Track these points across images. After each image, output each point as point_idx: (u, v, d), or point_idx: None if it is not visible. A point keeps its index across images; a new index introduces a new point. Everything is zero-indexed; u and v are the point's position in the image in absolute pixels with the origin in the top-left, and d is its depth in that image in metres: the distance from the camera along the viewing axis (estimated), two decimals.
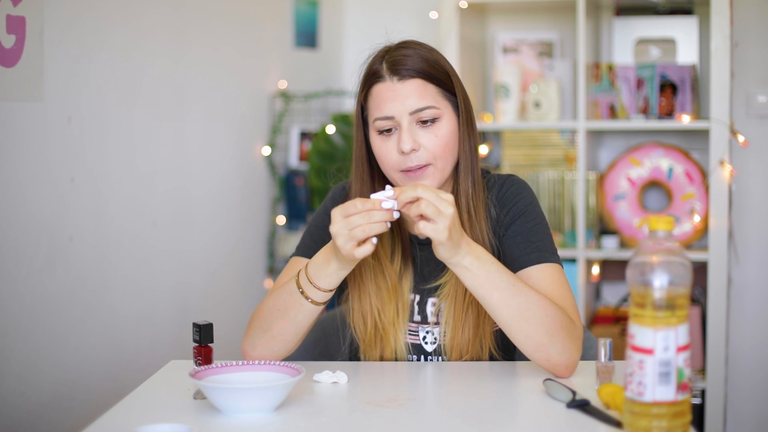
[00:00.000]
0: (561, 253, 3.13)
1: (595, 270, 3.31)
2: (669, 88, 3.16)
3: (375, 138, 1.78)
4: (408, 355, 1.86)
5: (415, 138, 1.74)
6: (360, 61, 1.82)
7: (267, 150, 3.40)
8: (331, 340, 2.02)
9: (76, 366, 2.38)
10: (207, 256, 3.05)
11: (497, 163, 3.43)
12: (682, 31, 3.30)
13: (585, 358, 1.86)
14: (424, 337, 1.85)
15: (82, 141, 2.41)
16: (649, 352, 1.29)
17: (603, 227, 3.30)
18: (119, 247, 2.57)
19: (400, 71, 1.74)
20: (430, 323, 1.85)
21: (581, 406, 1.50)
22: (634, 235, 3.23)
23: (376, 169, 1.84)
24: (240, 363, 1.61)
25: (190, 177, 2.94)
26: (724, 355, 3.04)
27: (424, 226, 1.58)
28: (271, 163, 3.43)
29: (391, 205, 1.60)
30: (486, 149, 3.36)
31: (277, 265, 3.45)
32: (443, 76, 1.78)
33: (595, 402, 1.52)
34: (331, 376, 1.70)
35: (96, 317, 2.47)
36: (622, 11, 3.38)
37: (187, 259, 2.93)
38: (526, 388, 1.66)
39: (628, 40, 3.34)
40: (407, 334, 1.86)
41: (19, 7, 2.13)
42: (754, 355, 3.30)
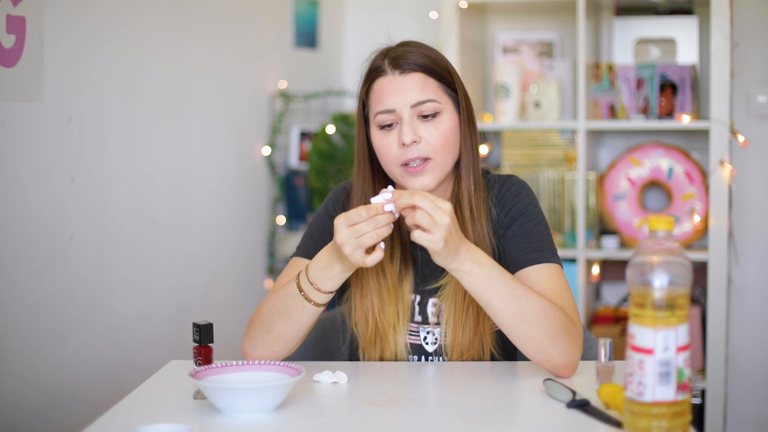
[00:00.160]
0: (561, 253, 3.13)
1: (595, 270, 3.31)
2: (669, 88, 3.16)
3: (376, 133, 1.78)
4: (408, 355, 1.86)
5: (416, 131, 1.74)
6: (360, 62, 1.83)
7: (267, 150, 3.40)
8: (331, 340, 2.02)
9: (76, 366, 2.38)
10: (207, 256, 3.05)
11: (497, 163, 3.43)
12: (682, 31, 3.30)
13: (585, 358, 1.86)
14: (425, 338, 1.85)
15: (82, 141, 2.41)
16: (649, 352, 1.29)
17: (603, 227, 3.30)
18: (119, 247, 2.57)
19: (401, 65, 1.76)
20: (431, 324, 1.85)
21: (581, 406, 1.50)
22: (634, 235, 3.23)
23: (378, 167, 1.84)
24: (240, 363, 1.61)
25: (190, 177, 2.94)
26: (724, 355, 3.04)
27: (418, 236, 1.57)
28: (271, 163, 3.43)
29: (392, 208, 1.60)
30: (486, 149, 3.36)
31: (277, 265, 3.45)
32: (444, 72, 1.79)
33: (595, 402, 1.52)
34: (331, 376, 1.70)
35: (96, 317, 2.47)
36: (622, 11, 3.38)
37: (187, 260, 2.93)
38: (526, 388, 1.66)
39: (628, 40, 3.34)
40: (408, 335, 1.86)
41: (19, 7, 2.13)
42: (754, 355, 3.30)
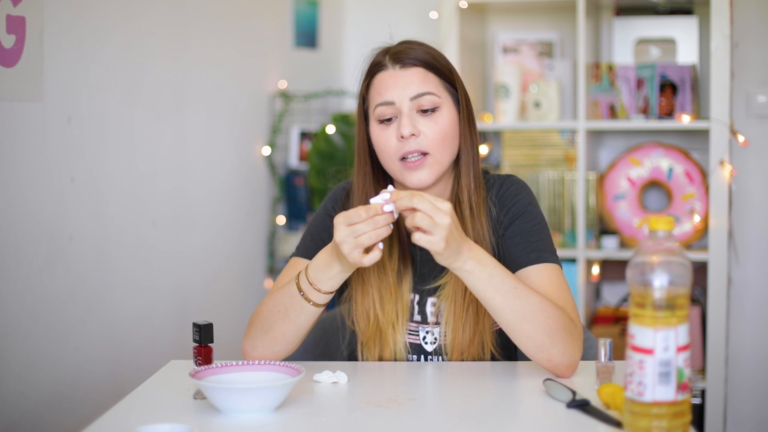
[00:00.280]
0: (561, 253, 3.15)
1: (595, 270, 3.31)
2: (669, 88, 3.16)
3: (375, 128, 1.79)
4: (408, 354, 1.86)
5: (415, 124, 1.76)
6: (360, 61, 1.84)
7: (267, 150, 3.40)
8: (331, 340, 2.02)
9: (76, 366, 2.38)
10: (207, 256, 3.05)
11: (497, 163, 3.43)
12: (682, 31, 3.30)
13: (585, 358, 1.86)
14: (424, 337, 1.85)
15: (82, 141, 2.41)
16: (649, 352, 1.29)
17: (603, 227, 3.30)
18: (119, 247, 2.57)
19: (402, 60, 1.79)
20: (430, 323, 1.85)
21: (581, 406, 1.50)
22: (634, 235, 3.23)
23: (378, 165, 1.84)
24: (240, 363, 1.61)
25: (190, 177, 2.94)
26: (724, 355, 3.04)
27: (419, 238, 1.57)
28: (271, 163, 3.43)
29: (391, 208, 1.60)
30: (486, 149, 3.36)
31: (277, 265, 3.45)
32: (445, 70, 1.81)
33: (595, 402, 1.52)
34: (331, 376, 1.70)
35: (96, 317, 2.47)
36: (622, 11, 3.38)
37: (187, 260, 2.93)
38: (526, 388, 1.66)
39: (628, 40, 3.34)
40: (407, 334, 1.86)
41: (19, 7, 2.13)
42: (754, 355, 3.30)
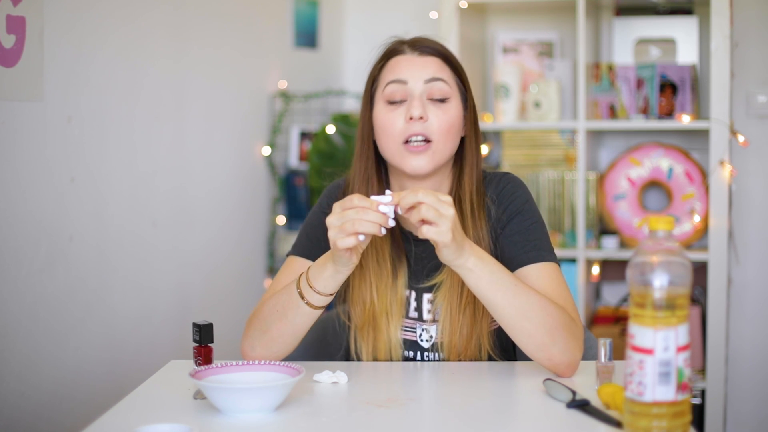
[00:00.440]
0: (561, 253, 3.15)
1: (595, 270, 3.31)
2: (669, 88, 3.16)
3: (381, 108, 1.80)
4: (404, 351, 1.86)
5: (425, 109, 1.77)
6: (360, 61, 1.84)
7: (267, 150, 3.40)
8: (331, 340, 2.02)
9: (76, 366, 2.38)
10: (207, 256, 3.05)
11: (497, 163, 3.43)
12: (682, 31, 3.30)
13: (585, 358, 1.86)
14: (421, 335, 1.85)
15: (82, 141, 2.41)
16: (649, 352, 1.29)
17: (603, 227, 3.30)
18: (119, 247, 2.57)
19: (420, 47, 1.82)
20: (427, 321, 1.85)
21: (581, 406, 1.50)
22: (634, 235, 3.23)
23: (379, 156, 1.84)
24: (240, 363, 1.61)
25: (190, 177, 2.94)
26: (724, 355, 3.04)
27: (427, 230, 1.58)
28: (271, 163, 3.43)
29: (387, 210, 1.59)
30: (486, 149, 3.36)
31: (277, 265, 3.45)
32: (458, 66, 1.85)
33: (595, 402, 1.52)
34: (331, 376, 1.70)
35: (96, 317, 2.47)
36: (622, 11, 3.38)
37: (187, 259, 2.93)
38: (526, 388, 1.66)
39: (628, 40, 3.34)
40: (403, 331, 1.86)
41: (19, 7, 2.13)
42: (754, 355, 3.30)
